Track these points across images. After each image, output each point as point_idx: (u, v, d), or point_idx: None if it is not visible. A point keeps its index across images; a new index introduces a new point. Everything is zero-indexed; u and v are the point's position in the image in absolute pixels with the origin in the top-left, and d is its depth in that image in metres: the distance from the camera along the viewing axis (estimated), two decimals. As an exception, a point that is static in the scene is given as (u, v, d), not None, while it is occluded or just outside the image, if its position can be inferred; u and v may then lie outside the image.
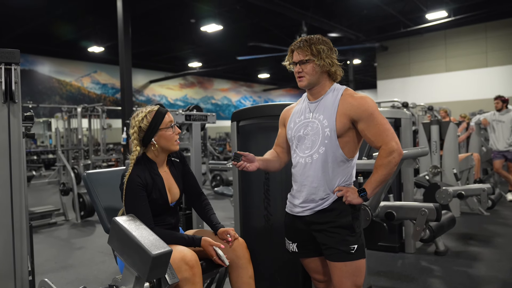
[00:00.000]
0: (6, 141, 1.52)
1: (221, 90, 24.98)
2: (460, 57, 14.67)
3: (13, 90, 1.50)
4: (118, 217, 1.42)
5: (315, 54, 1.71)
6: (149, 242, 1.32)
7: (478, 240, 4.27)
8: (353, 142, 1.75)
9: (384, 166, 1.68)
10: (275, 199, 2.53)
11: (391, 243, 3.87)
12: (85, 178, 2.17)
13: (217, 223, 2.06)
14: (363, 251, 1.76)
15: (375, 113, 1.69)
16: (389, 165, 1.68)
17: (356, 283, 1.73)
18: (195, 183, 2.16)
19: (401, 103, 7.50)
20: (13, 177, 1.54)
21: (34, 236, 4.65)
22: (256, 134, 2.69)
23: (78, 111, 9.54)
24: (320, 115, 1.75)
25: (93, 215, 5.86)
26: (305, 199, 1.77)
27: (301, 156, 1.79)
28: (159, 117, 1.93)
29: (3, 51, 1.51)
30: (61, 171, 6.62)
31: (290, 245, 1.91)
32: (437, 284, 3.11)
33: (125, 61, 9.83)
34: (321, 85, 1.78)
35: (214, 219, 2.07)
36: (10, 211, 1.53)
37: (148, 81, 20.86)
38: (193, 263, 1.71)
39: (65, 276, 3.52)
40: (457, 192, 4.10)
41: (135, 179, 1.85)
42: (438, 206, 2.67)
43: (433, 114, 9.10)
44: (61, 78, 17.59)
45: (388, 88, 16.18)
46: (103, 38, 14.22)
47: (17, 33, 13.40)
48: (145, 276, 1.32)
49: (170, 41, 15.31)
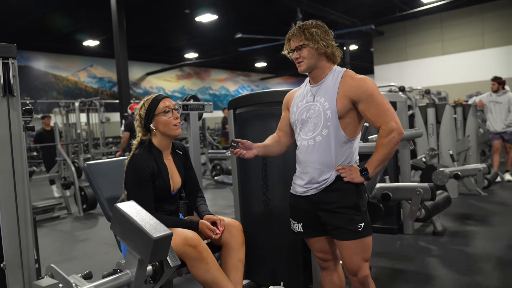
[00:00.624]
0: (7, 134, 1.56)
1: (219, 80, 24.90)
2: (457, 39, 14.60)
3: (12, 83, 1.53)
4: (119, 203, 1.47)
5: (308, 38, 1.75)
6: (150, 226, 1.36)
7: (475, 219, 4.34)
8: (354, 122, 1.79)
9: (385, 145, 1.72)
10: (274, 184, 2.58)
11: (389, 224, 3.94)
12: (85, 169, 2.22)
13: (205, 210, 2.13)
14: (369, 228, 1.82)
15: (374, 94, 1.72)
16: (389, 144, 1.72)
17: (365, 258, 1.81)
18: (195, 179, 2.24)
19: (398, 88, 7.52)
20: (15, 169, 1.58)
21: (38, 230, 4.71)
22: (253, 122, 2.72)
23: (76, 106, 9.56)
24: (321, 98, 1.79)
25: (95, 208, 5.93)
26: (309, 180, 1.81)
27: (304, 139, 1.83)
28: (154, 103, 2.02)
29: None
30: (61, 165, 6.65)
31: (295, 226, 1.94)
32: (435, 263, 3.18)
33: (120, 54, 9.80)
34: (321, 68, 1.81)
35: (202, 208, 2.15)
36: (14, 202, 1.58)
37: (145, 73, 20.77)
38: (195, 243, 1.78)
39: (70, 267, 3.59)
40: (454, 173, 4.16)
41: (144, 169, 1.93)
42: (433, 186, 2.73)
43: (430, 98, 9.12)
44: (57, 73, 17.51)
45: (385, 73, 16.14)
46: (98, 32, 14.13)
47: (11, 29, 13.31)
48: (148, 259, 1.37)
49: (165, 32, 15.22)
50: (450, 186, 5.16)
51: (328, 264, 1.99)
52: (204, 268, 1.78)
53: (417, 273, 2.99)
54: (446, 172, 4.13)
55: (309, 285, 2.58)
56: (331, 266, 1.99)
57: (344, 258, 1.82)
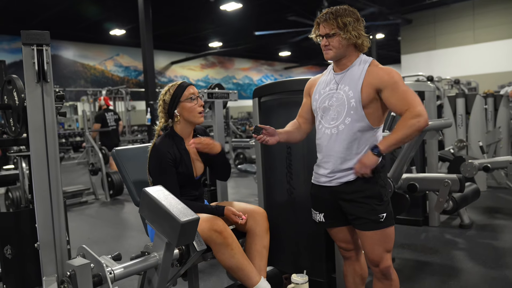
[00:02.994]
0: (41, 119, 1.60)
1: (242, 70, 24.89)
2: (489, 27, 14.05)
3: (46, 70, 1.57)
4: (147, 188, 1.50)
5: (341, 27, 1.69)
6: (177, 211, 1.39)
7: (504, 213, 4.22)
8: (378, 112, 1.75)
9: (407, 127, 1.64)
10: (298, 172, 2.58)
11: (415, 216, 3.87)
12: (114, 155, 2.27)
13: None
14: (391, 219, 1.79)
15: (399, 82, 1.68)
16: (412, 127, 1.63)
17: (387, 248, 1.78)
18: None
19: (426, 77, 7.32)
20: (49, 153, 1.63)
21: (67, 214, 4.88)
22: (278, 110, 2.72)
23: (103, 94, 9.75)
24: (345, 86, 1.76)
25: (121, 193, 6.08)
26: (332, 169, 1.79)
27: (326, 127, 1.80)
28: (180, 90, 2.04)
29: (33, 33, 1.58)
30: (89, 152, 6.84)
31: (317, 216, 1.93)
32: (461, 256, 3.12)
33: (146, 43, 9.91)
34: (348, 57, 1.78)
35: None
36: (48, 185, 1.63)
37: (169, 62, 20.98)
38: (221, 228, 1.80)
39: (98, 250, 3.68)
40: (483, 165, 4.04)
41: (165, 155, 1.95)
42: (462, 177, 2.66)
43: (459, 88, 8.85)
44: (85, 62, 17.90)
45: (413, 62, 15.74)
46: (124, 21, 14.32)
47: (41, 19, 13.65)
48: (175, 242, 1.40)
49: (190, 21, 15.28)
50: (478, 179, 5.02)
51: (351, 254, 1.98)
52: (229, 253, 1.80)
53: (442, 265, 2.94)
54: (475, 164, 4.02)
55: (332, 274, 2.58)
56: (353, 256, 1.98)
57: (366, 248, 1.80)
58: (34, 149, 1.59)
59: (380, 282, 1.84)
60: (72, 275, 1.35)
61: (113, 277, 1.44)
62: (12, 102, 2.17)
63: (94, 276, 1.39)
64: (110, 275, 1.42)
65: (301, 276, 2.00)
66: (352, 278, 2.00)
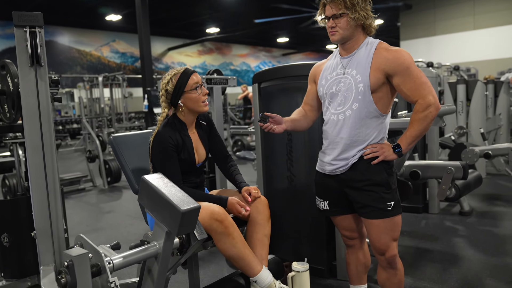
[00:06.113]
0: (35, 104, 1.55)
1: (240, 56, 24.67)
2: (490, 13, 13.91)
3: (39, 53, 1.51)
4: (147, 175, 1.46)
5: (349, 7, 1.63)
6: (178, 199, 1.35)
7: (504, 200, 4.21)
8: (387, 97, 1.70)
9: (421, 120, 1.64)
10: (298, 160, 2.54)
11: (414, 203, 3.86)
12: (111, 141, 2.22)
13: (242, 181, 2.09)
14: (399, 207, 1.76)
15: (411, 67, 1.63)
16: (425, 119, 1.64)
17: (393, 237, 1.76)
18: (222, 145, 2.19)
19: (426, 63, 7.25)
20: (44, 139, 1.58)
21: (65, 202, 4.85)
22: (279, 96, 2.67)
23: (99, 81, 9.64)
24: (353, 71, 1.70)
25: (119, 181, 6.04)
26: (337, 155, 1.74)
27: (333, 113, 1.75)
28: (184, 80, 1.94)
29: (26, 14, 1.52)
30: (86, 139, 6.78)
31: (321, 203, 1.89)
32: (461, 243, 3.11)
33: (143, 29, 9.78)
34: (355, 39, 1.71)
35: (238, 179, 2.11)
36: (44, 172, 1.59)
37: (166, 48, 20.74)
38: (222, 217, 1.76)
39: (96, 238, 3.67)
40: (484, 152, 4.02)
41: (167, 140, 1.89)
42: (465, 164, 2.63)
43: (459, 74, 8.79)
44: (81, 48, 17.67)
45: (412, 48, 15.59)
46: (120, 6, 14.09)
47: (36, 4, 13.41)
48: (175, 231, 1.36)
49: (187, 6, 15.05)
50: (478, 165, 5.00)
51: (354, 242, 1.95)
52: (230, 242, 1.77)
53: (443, 253, 2.93)
54: (477, 151, 3.99)
55: (333, 261, 2.57)
56: (357, 244, 1.96)
57: (372, 237, 1.77)
58: (28, 135, 1.54)
59: (385, 271, 1.82)
60: (70, 265, 1.31)
61: (112, 267, 1.40)
62: (6, 88, 2.11)
63: (93, 266, 1.36)
64: (109, 265, 1.39)
65: (302, 264, 1.98)
66: (355, 266, 1.98)
